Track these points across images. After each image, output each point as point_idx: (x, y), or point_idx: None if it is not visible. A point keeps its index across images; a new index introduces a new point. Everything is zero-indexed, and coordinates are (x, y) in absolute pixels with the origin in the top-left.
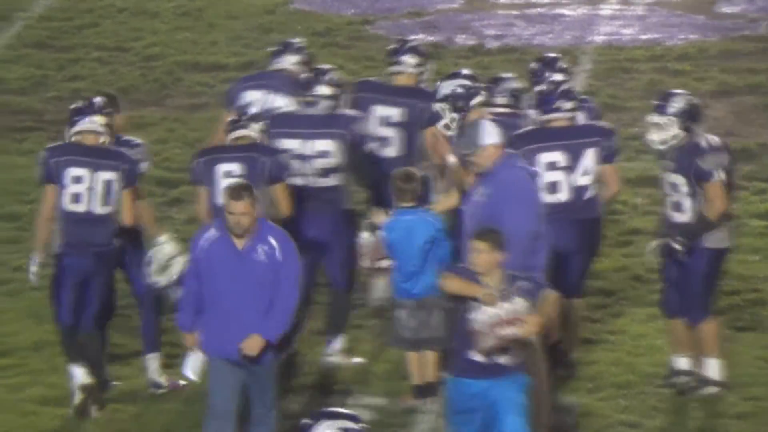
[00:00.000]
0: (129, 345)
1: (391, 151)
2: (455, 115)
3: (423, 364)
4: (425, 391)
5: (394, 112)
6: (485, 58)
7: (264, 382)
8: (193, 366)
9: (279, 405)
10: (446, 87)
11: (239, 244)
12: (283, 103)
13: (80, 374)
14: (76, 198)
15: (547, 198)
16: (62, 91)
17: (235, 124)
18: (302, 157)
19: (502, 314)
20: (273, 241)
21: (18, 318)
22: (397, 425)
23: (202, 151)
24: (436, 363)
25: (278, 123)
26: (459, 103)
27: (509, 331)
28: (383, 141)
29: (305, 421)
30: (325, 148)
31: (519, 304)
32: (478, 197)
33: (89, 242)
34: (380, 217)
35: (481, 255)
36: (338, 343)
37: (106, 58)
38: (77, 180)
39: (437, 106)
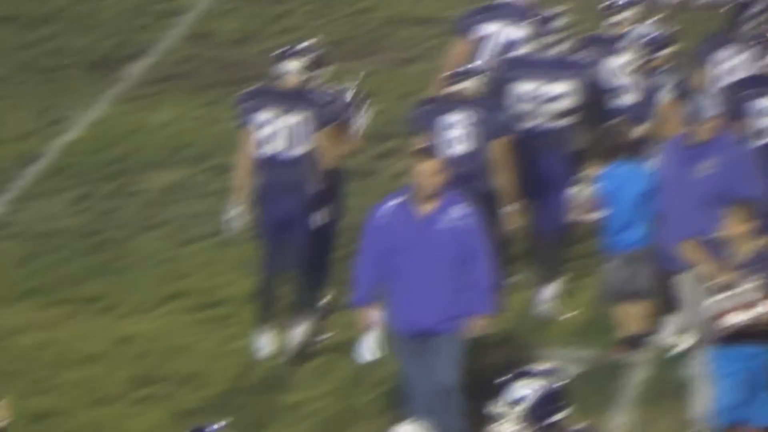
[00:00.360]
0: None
1: (626, 100)
2: (640, 58)
3: (632, 317)
4: (633, 343)
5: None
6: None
7: (449, 355)
8: (370, 346)
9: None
10: (641, 30)
11: (423, 211)
12: (518, 35)
13: (266, 342)
14: (269, 141)
15: None
16: (273, 45)
17: (458, 77)
18: (536, 100)
19: (735, 299)
20: (458, 210)
21: (228, 269)
22: (608, 378)
23: (424, 100)
24: (645, 316)
25: (514, 65)
26: (649, 48)
27: (740, 318)
28: (617, 90)
29: (502, 378)
30: (561, 90)
31: (755, 284)
32: (705, 169)
33: (284, 185)
34: (595, 169)
35: (733, 225)
36: (549, 292)
37: (318, 11)
38: (269, 123)
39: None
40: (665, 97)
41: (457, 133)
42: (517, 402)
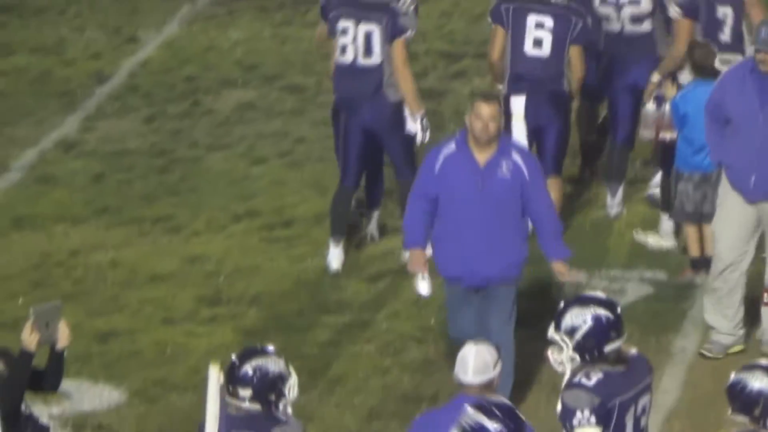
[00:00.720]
0: None
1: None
2: None
3: (704, 238)
4: (701, 265)
5: None
6: None
7: (505, 309)
8: (425, 285)
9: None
10: None
11: (481, 159)
12: None
13: (336, 257)
14: (344, 50)
15: None
16: None
17: None
18: (617, 4)
19: None
20: (517, 158)
21: (300, 189)
22: (675, 300)
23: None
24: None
25: None
26: None
27: None
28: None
29: (562, 305)
30: None
31: None
32: None
33: (357, 95)
34: (670, 88)
35: None
36: (619, 196)
37: None
38: (344, 32)
39: None
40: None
41: (539, 35)
42: (570, 331)
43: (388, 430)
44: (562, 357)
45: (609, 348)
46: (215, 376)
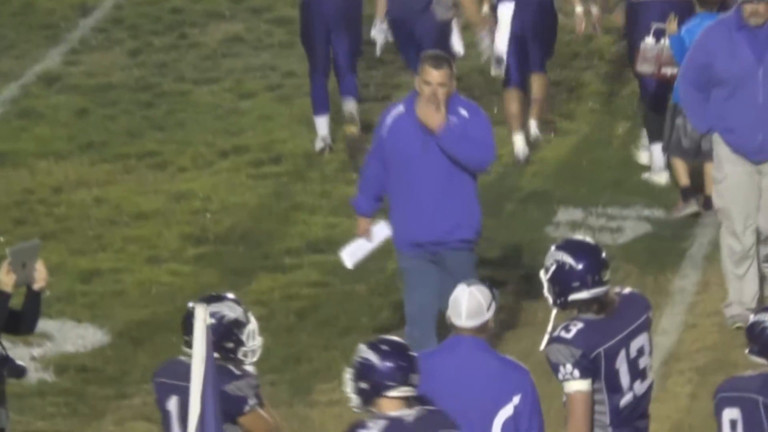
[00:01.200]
0: None
1: None
2: None
3: (705, 176)
4: (690, 196)
5: None
6: None
7: (464, 273)
8: (353, 252)
9: None
10: None
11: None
12: None
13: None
14: None
15: None
16: None
17: None
18: None
19: None
20: (464, 112)
21: (289, 124)
22: (674, 238)
23: None
24: (708, 175)
25: None
26: None
27: None
28: None
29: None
30: None
31: None
32: None
33: (412, 9)
34: (672, 22)
35: None
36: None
37: None
38: None
39: None
40: None
41: None
42: (545, 270)
43: None
44: (545, 292)
45: (573, 298)
46: (202, 317)
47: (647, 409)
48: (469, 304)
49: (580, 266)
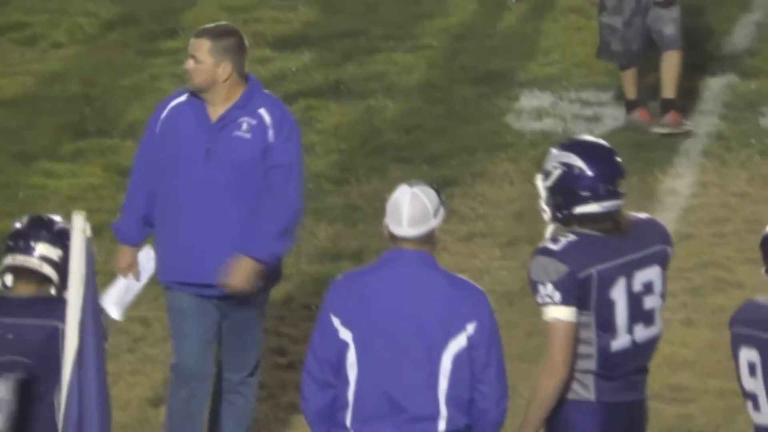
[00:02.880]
0: None
1: None
2: None
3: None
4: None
5: None
6: None
7: (246, 328)
8: (118, 296)
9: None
10: None
11: (213, 112)
12: None
13: None
14: None
15: None
16: None
17: None
18: None
19: None
20: (264, 114)
21: None
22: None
23: None
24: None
25: None
26: None
27: None
28: None
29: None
30: None
31: None
32: None
33: None
34: None
35: None
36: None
37: None
38: None
39: None
40: None
41: None
42: (544, 176)
43: (301, 296)
44: (542, 204)
45: (580, 211)
46: (80, 227)
47: (647, 363)
48: (412, 208)
49: (591, 172)
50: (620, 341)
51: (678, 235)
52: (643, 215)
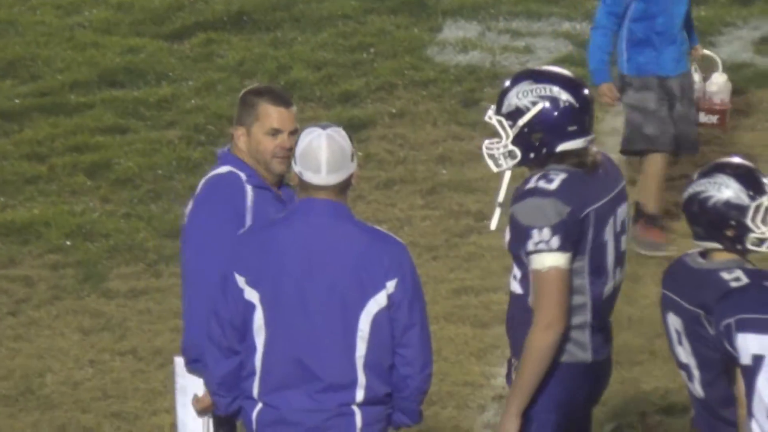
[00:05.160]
0: None
1: None
2: None
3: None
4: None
5: None
6: None
7: None
8: None
9: None
10: None
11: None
12: None
13: None
14: None
15: None
16: None
17: None
18: None
19: None
20: (197, 190)
21: None
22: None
23: None
24: None
25: None
26: None
27: None
28: None
29: (509, 81)
30: None
31: None
32: None
33: None
34: None
35: None
36: None
37: None
38: None
39: None
40: None
41: None
42: (514, 113)
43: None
44: (498, 150)
45: (564, 147)
46: None
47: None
48: (330, 151)
49: (579, 103)
50: (608, 288)
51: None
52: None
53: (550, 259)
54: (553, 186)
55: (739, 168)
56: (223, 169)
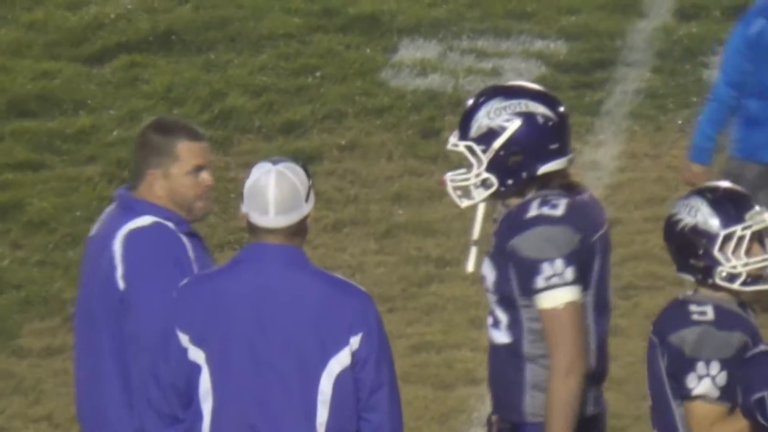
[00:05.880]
0: None
1: None
2: None
3: None
4: None
5: None
6: None
7: None
8: None
9: None
10: None
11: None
12: None
13: None
14: None
15: None
16: None
17: None
18: None
19: None
20: (117, 247)
21: None
22: (579, 86)
23: None
24: None
25: None
26: None
27: None
28: None
29: (472, 101)
30: None
31: None
32: None
33: None
34: None
35: None
36: None
37: None
38: None
39: None
40: None
41: None
42: (486, 135)
43: None
44: (468, 180)
45: (546, 169)
46: None
47: None
48: (279, 190)
49: (558, 118)
50: (607, 318)
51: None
52: None
53: (566, 295)
54: (560, 211)
55: (717, 191)
56: (145, 220)
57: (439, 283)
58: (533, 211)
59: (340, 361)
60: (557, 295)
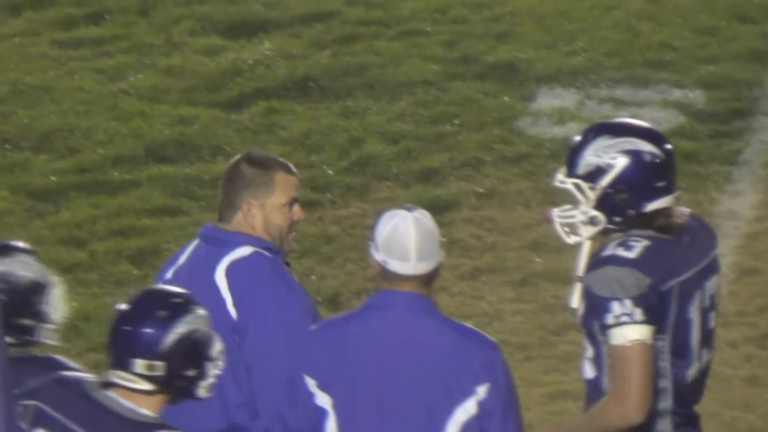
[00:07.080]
0: None
1: None
2: None
3: None
4: None
5: None
6: None
7: None
8: None
9: None
10: None
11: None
12: None
13: None
14: None
15: None
16: None
17: None
18: None
19: None
20: (220, 280)
21: None
22: (711, 135)
23: None
24: None
25: None
26: None
27: None
28: None
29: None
30: None
31: None
32: None
33: None
34: None
35: None
36: None
37: None
38: None
39: None
40: None
41: None
42: (594, 173)
43: None
44: (574, 217)
45: (653, 207)
46: None
47: (702, 393)
48: (420, 236)
49: (665, 156)
50: (692, 370)
51: (739, 269)
52: (685, 211)
53: (634, 332)
54: (633, 254)
55: None
56: (245, 251)
57: (576, 332)
58: (609, 251)
59: (467, 409)
60: (625, 332)
